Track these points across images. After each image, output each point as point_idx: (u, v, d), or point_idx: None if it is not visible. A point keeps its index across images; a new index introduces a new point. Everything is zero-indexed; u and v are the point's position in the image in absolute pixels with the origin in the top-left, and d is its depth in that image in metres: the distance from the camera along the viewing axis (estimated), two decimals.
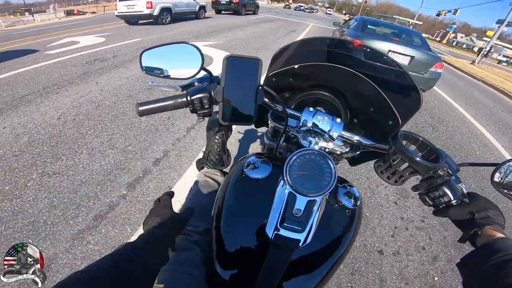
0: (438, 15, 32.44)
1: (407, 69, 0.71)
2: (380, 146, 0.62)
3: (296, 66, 0.67)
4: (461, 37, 74.61)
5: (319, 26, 16.13)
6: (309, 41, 0.83)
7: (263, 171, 0.56)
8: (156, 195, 1.85)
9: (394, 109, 0.61)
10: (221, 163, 1.03)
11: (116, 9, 9.46)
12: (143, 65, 0.65)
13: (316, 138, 0.62)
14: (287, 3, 72.43)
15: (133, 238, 1.51)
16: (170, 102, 0.56)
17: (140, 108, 0.55)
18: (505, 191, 0.57)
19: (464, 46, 63.33)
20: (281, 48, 0.78)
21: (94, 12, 19.90)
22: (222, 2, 15.35)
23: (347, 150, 0.70)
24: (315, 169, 0.50)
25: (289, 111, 0.64)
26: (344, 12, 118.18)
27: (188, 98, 0.56)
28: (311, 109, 0.64)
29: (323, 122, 0.62)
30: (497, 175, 0.57)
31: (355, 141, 0.64)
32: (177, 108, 0.57)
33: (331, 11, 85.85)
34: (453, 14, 28.59)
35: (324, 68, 0.68)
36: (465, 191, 0.57)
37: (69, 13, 18.12)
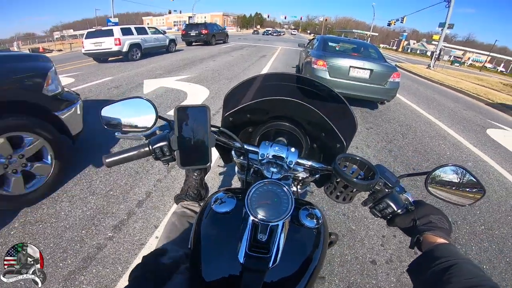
0: (389, 25, 35.03)
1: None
2: (329, 169, 0.68)
3: (247, 103, 0.73)
4: (414, 43, 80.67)
5: (286, 48, 17.03)
6: (258, 78, 0.90)
7: (229, 205, 0.60)
8: (142, 235, 1.82)
9: (338, 133, 0.69)
10: (199, 197, 1.05)
11: (83, 47, 9.19)
12: (103, 121, 0.67)
13: (277, 168, 0.67)
14: (255, 29, 76.16)
15: (125, 277, 1.48)
16: (135, 152, 0.61)
17: (107, 160, 0.60)
18: (436, 194, 0.63)
19: (418, 51, 68.44)
20: (231, 88, 0.84)
21: (61, 50, 19.53)
22: (191, 34, 15.79)
23: (308, 175, 0.76)
24: (273, 197, 0.53)
25: (247, 147, 0.71)
26: (308, 31, 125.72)
27: (150, 147, 0.61)
28: (267, 143, 0.71)
29: (279, 153, 0.69)
30: (429, 181, 0.63)
31: (308, 166, 0.70)
32: (141, 157, 0.61)
33: (295, 32, 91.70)
34: (401, 22, 30.91)
35: (274, 102, 0.74)
36: (411, 199, 0.61)
37: (34, 51, 17.52)
